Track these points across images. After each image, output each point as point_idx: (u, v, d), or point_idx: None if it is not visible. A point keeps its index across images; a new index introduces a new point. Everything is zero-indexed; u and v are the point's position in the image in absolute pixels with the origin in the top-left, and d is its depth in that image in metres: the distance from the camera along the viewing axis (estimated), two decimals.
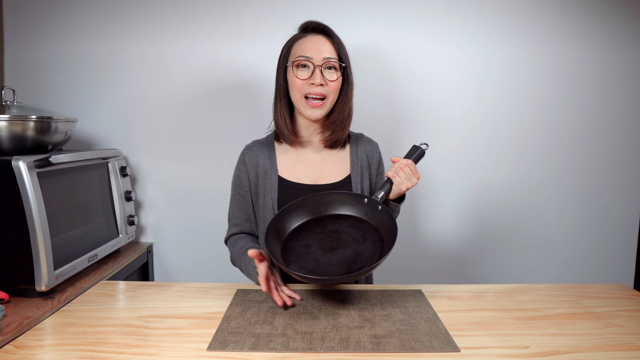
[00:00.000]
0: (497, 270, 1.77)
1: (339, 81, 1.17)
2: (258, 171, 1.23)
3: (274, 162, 1.23)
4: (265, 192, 1.21)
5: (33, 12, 1.66)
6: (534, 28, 1.66)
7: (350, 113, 1.23)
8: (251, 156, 1.25)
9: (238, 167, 1.27)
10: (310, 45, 1.16)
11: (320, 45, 1.16)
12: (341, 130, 1.22)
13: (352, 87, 1.22)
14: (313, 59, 1.15)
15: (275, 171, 1.22)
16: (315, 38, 1.17)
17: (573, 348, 0.84)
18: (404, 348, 0.83)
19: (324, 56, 1.15)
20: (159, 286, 1.16)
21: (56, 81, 1.69)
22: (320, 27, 1.19)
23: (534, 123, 1.70)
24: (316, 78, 1.14)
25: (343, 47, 1.19)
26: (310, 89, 1.15)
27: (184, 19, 1.65)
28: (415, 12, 1.65)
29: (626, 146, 1.72)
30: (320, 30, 1.19)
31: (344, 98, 1.21)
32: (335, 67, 1.16)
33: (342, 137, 1.23)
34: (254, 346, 0.83)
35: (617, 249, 1.77)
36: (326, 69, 1.16)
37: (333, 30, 1.20)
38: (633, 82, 1.69)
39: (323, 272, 0.98)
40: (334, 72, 1.17)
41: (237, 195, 1.26)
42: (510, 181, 1.73)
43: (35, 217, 1.11)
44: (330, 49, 1.16)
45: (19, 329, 0.95)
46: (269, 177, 1.22)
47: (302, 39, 1.18)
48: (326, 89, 1.15)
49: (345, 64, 1.18)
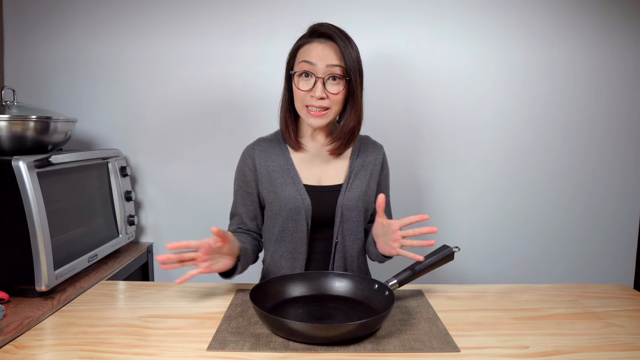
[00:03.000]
0: (497, 270, 1.77)
1: (342, 94, 1.11)
2: (269, 164, 1.19)
3: (289, 157, 1.20)
4: (285, 185, 1.17)
5: (33, 13, 1.66)
6: (530, 28, 1.66)
7: (358, 124, 1.17)
8: (261, 151, 1.21)
9: (244, 162, 1.23)
10: (315, 51, 1.09)
11: (326, 52, 1.09)
12: (348, 142, 1.18)
13: (360, 99, 1.14)
14: (316, 69, 1.09)
15: (292, 164, 1.19)
16: (321, 46, 1.10)
17: (573, 348, 0.84)
18: (404, 348, 0.83)
19: (327, 63, 1.08)
20: (159, 286, 1.16)
21: (56, 81, 1.69)
22: (327, 33, 1.10)
23: (535, 123, 1.70)
24: (317, 91, 1.08)
25: (351, 57, 1.09)
26: (311, 101, 1.10)
27: (183, 20, 1.66)
28: (421, 14, 1.65)
29: (628, 146, 1.72)
30: (328, 36, 1.10)
31: (350, 111, 1.14)
32: (339, 79, 1.10)
33: (346, 149, 1.20)
34: (254, 346, 0.83)
35: (617, 249, 1.77)
36: (329, 80, 1.10)
37: (343, 35, 1.11)
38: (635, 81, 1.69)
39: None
40: (337, 83, 1.10)
41: (241, 191, 1.23)
42: (510, 181, 1.73)
43: (35, 217, 1.11)
44: (335, 60, 1.09)
45: (19, 329, 0.95)
46: (287, 171, 1.18)
47: (307, 46, 1.11)
48: (327, 102, 1.10)
49: (351, 77, 1.10)
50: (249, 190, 1.22)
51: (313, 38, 1.12)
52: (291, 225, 1.16)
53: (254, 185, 1.22)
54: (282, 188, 1.17)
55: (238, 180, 1.24)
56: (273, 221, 1.20)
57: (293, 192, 1.16)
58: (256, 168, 1.21)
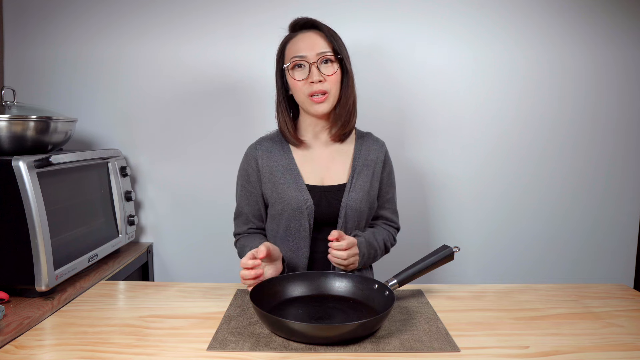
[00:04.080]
0: (497, 270, 1.77)
1: (337, 74, 1.15)
2: (272, 165, 1.21)
3: (291, 156, 1.22)
4: (287, 185, 1.18)
5: (33, 12, 1.66)
6: (530, 28, 1.66)
7: (354, 103, 1.21)
8: (264, 151, 1.23)
9: (247, 162, 1.24)
10: (302, 43, 1.14)
11: (312, 41, 1.14)
12: (348, 122, 1.20)
13: (353, 78, 1.20)
14: (307, 57, 1.13)
15: (294, 164, 1.20)
16: (306, 35, 1.16)
17: (573, 348, 0.84)
18: (404, 348, 0.83)
19: (317, 52, 1.13)
20: (159, 286, 1.16)
21: (56, 81, 1.69)
22: (309, 23, 1.17)
23: (535, 123, 1.70)
24: (313, 76, 1.12)
25: (337, 38, 1.16)
26: (311, 88, 1.13)
27: (183, 20, 1.65)
28: (418, 10, 1.65)
29: (628, 146, 1.72)
30: (310, 25, 1.17)
31: (346, 89, 1.19)
32: (331, 60, 1.15)
33: (350, 128, 1.22)
34: (254, 346, 0.83)
35: (617, 249, 1.77)
36: (322, 64, 1.14)
37: (323, 23, 1.17)
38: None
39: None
40: (330, 65, 1.15)
41: (245, 191, 1.24)
42: (510, 181, 1.73)
43: (35, 217, 1.11)
44: (323, 43, 1.14)
45: (19, 329, 0.95)
46: (289, 171, 1.20)
47: (294, 39, 1.17)
48: (326, 85, 1.14)
49: (342, 55, 1.16)
50: (253, 191, 1.23)
51: (296, 31, 1.18)
52: (294, 225, 1.17)
53: (258, 185, 1.23)
54: (284, 189, 1.18)
55: (242, 180, 1.25)
56: (277, 221, 1.21)
57: (295, 193, 1.17)
58: (259, 168, 1.22)
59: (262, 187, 1.22)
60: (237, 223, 1.28)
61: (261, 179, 1.22)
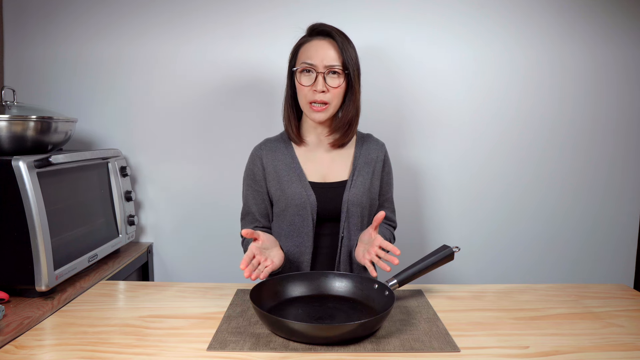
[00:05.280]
0: (497, 270, 1.77)
1: (342, 87, 1.17)
2: (276, 163, 1.24)
3: (294, 155, 1.25)
4: (291, 182, 1.21)
5: (33, 12, 1.66)
6: (530, 27, 1.66)
7: (356, 116, 1.23)
8: (268, 151, 1.26)
9: (252, 162, 1.27)
10: (314, 51, 1.16)
11: (324, 51, 1.15)
12: (347, 133, 1.23)
13: (358, 93, 1.21)
14: (316, 66, 1.15)
15: (297, 162, 1.23)
16: (320, 43, 1.17)
17: (573, 348, 0.84)
18: (404, 348, 0.83)
19: (326, 64, 1.15)
20: (159, 286, 1.16)
21: (56, 81, 1.69)
22: (325, 31, 1.18)
23: (535, 123, 1.70)
24: (318, 85, 1.15)
25: (349, 52, 1.17)
26: (314, 96, 1.16)
27: (183, 20, 1.65)
28: (418, 10, 1.65)
29: (628, 146, 1.72)
30: (326, 34, 1.18)
31: (349, 103, 1.20)
32: (338, 73, 1.16)
33: (347, 139, 1.25)
34: (254, 346, 0.83)
35: (617, 249, 1.77)
36: (329, 74, 1.16)
37: (341, 33, 1.18)
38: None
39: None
40: (337, 77, 1.16)
41: (251, 190, 1.27)
42: (510, 181, 1.73)
43: (35, 217, 1.11)
44: (334, 56, 1.15)
45: (19, 329, 0.95)
46: (293, 169, 1.23)
47: (307, 44, 1.18)
48: (328, 96, 1.16)
49: (349, 71, 1.17)
50: (259, 189, 1.26)
51: (312, 37, 1.19)
52: (298, 220, 1.20)
53: (264, 183, 1.26)
54: (288, 185, 1.21)
55: (248, 180, 1.28)
56: (281, 218, 1.23)
57: (299, 189, 1.20)
58: (264, 167, 1.25)
59: (267, 185, 1.25)
60: (244, 223, 1.30)
61: (266, 177, 1.25)
